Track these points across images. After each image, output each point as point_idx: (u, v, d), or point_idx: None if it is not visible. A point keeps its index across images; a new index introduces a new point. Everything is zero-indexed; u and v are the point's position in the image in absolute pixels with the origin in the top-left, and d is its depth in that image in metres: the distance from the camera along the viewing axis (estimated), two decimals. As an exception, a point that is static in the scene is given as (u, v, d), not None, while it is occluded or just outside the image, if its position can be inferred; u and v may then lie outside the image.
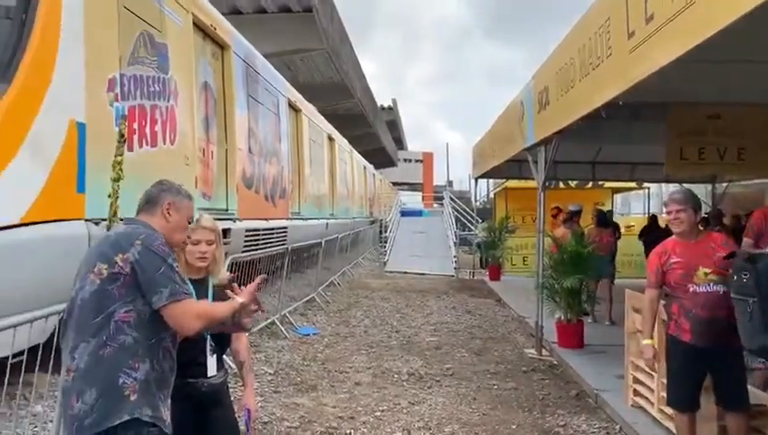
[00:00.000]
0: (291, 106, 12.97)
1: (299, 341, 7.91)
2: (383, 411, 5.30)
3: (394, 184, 44.03)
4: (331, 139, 18.31)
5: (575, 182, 16.70)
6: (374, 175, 32.10)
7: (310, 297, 10.59)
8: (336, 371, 6.56)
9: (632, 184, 17.24)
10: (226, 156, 8.60)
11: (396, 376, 6.44)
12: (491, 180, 19.08)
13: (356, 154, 24.53)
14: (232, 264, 6.68)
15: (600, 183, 16.50)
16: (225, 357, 3.03)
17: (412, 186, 51.26)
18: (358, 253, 18.76)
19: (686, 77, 5.29)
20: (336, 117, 21.72)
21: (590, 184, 16.59)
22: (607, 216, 10.11)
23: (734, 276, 3.50)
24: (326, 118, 18.24)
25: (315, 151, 15.58)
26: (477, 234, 17.33)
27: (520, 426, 5.09)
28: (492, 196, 20.98)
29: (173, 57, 6.58)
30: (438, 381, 6.32)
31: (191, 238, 2.75)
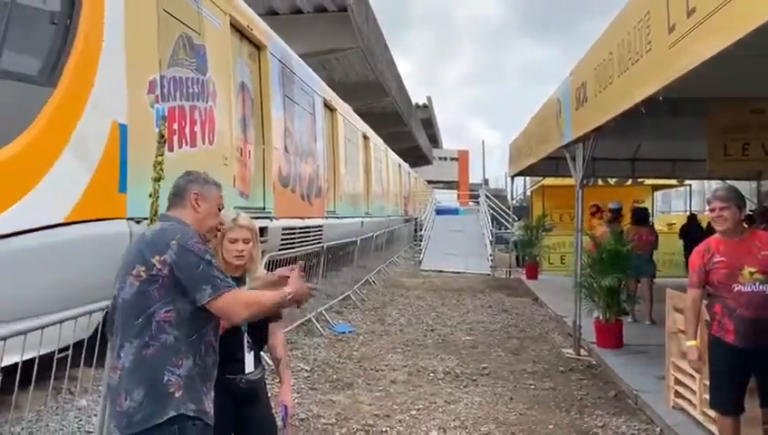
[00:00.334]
0: (326, 105, 13.05)
1: (335, 338, 7.96)
2: (419, 410, 5.30)
3: (429, 182, 43.94)
4: (366, 137, 18.36)
5: (614, 180, 16.39)
6: (409, 173, 32.10)
7: (345, 295, 10.65)
8: (372, 369, 6.58)
9: (673, 181, 16.86)
10: (263, 155, 8.71)
11: (431, 375, 6.43)
12: (527, 178, 18.86)
13: (391, 152, 24.56)
14: (269, 262, 6.76)
15: (640, 180, 16.17)
16: (262, 354, 3.07)
17: (447, 184, 51.09)
18: (393, 251, 18.77)
19: (729, 71, 5.14)
20: (371, 115, 21.78)
21: (630, 181, 16.27)
22: (645, 213, 9.89)
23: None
24: (361, 116, 18.31)
25: (350, 150, 15.65)
26: (514, 232, 17.16)
27: (557, 426, 5.03)
28: (528, 194, 20.74)
29: (211, 58, 6.69)
30: (474, 380, 6.29)
31: (229, 237, 2.80)
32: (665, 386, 5.35)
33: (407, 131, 31.82)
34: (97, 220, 4.71)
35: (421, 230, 23.16)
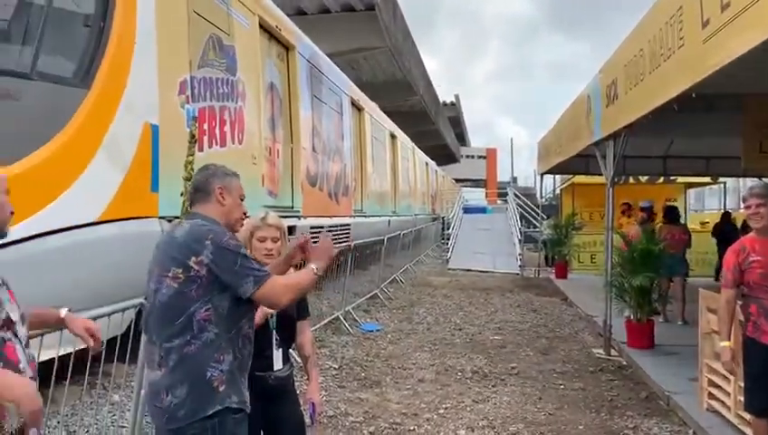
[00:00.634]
0: (353, 104, 13.09)
1: (362, 337, 7.99)
2: (447, 409, 5.29)
3: (456, 180, 43.78)
4: (394, 136, 18.37)
5: (645, 177, 16.12)
6: (436, 172, 32.03)
7: (372, 294, 10.68)
8: (399, 367, 6.59)
9: (706, 179, 16.53)
10: (291, 155, 8.78)
11: (459, 374, 6.41)
12: (557, 176, 18.66)
13: (418, 151, 24.53)
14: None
15: (673, 178, 15.89)
16: (290, 351, 3.10)
17: (475, 182, 50.83)
18: (420, 250, 18.75)
19: (765, 66, 5.03)
20: (398, 114, 21.79)
21: (662, 179, 15.98)
22: (676, 212, 9.71)
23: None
24: (388, 115, 18.32)
25: (377, 149, 15.68)
26: (543, 231, 17.00)
27: (587, 427, 4.98)
28: (558, 192, 20.53)
29: (240, 59, 6.77)
30: (503, 379, 6.25)
31: (257, 236, 2.83)
32: (698, 388, 5.25)
33: (434, 130, 31.75)
34: (130, 219, 4.80)
35: (448, 229, 23.09)
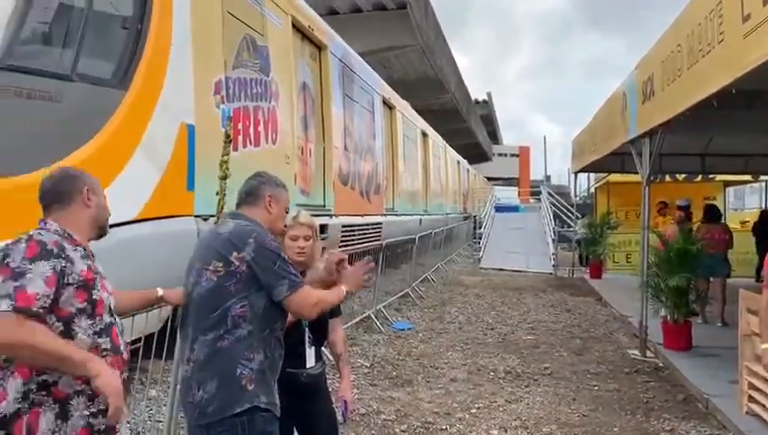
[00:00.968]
0: (385, 103, 13.11)
1: (394, 335, 8.00)
2: (479, 409, 5.27)
3: (488, 179, 43.47)
4: (425, 135, 18.33)
5: (683, 176, 15.78)
6: (468, 170, 31.85)
7: (404, 292, 10.68)
8: (431, 366, 6.58)
9: (747, 177, 16.10)
10: (324, 154, 8.83)
11: (492, 374, 6.38)
12: (591, 175, 18.39)
13: (450, 149, 24.42)
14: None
15: (711, 176, 15.52)
16: (323, 349, 3.13)
17: (507, 181, 50.41)
18: (451, 249, 18.68)
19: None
20: (430, 112, 21.73)
21: (700, 177, 15.63)
22: (717, 210, 9.48)
23: None
24: (420, 113, 18.28)
25: (409, 147, 15.66)
26: (577, 230, 16.77)
27: (622, 429, 4.90)
28: (592, 191, 20.23)
29: (274, 59, 6.83)
30: (536, 380, 6.20)
31: (290, 234, 2.87)
32: (737, 390, 5.13)
33: (466, 128, 31.57)
34: (166, 218, 4.89)
35: (480, 228, 22.96)
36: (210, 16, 5.68)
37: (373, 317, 8.38)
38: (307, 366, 2.88)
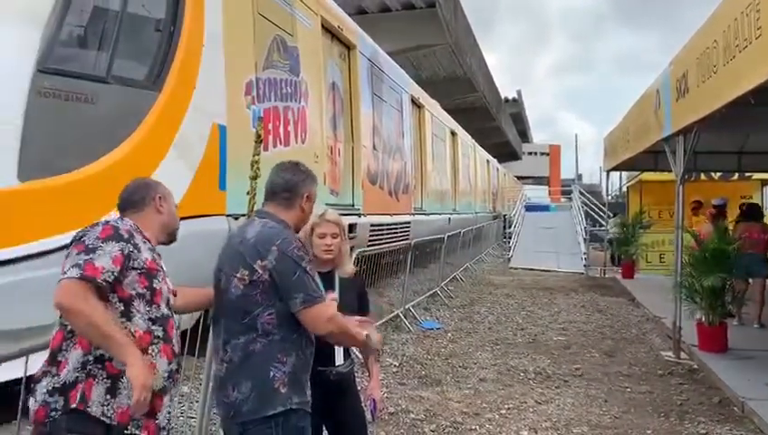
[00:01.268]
0: (413, 102, 13.10)
1: (422, 335, 7.99)
2: (509, 409, 5.23)
3: (518, 178, 43.14)
4: (454, 133, 18.26)
5: (718, 174, 15.44)
6: (497, 169, 31.65)
7: (433, 292, 10.65)
8: (460, 366, 6.56)
9: (786, 175, 15.68)
10: (352, 153, 8.86)
11: (522, 374, 6.33)
12: (624, 173, 18.10)
13: (479, 148, 24.30)
14: (358, 258, 6.88)
15: (748, 175, 15.16)
16: (351, 347, 3.14)
17: (538, 179, 49.99)
18: (481, 248, 18.57)
19: None
20: (459, 111, 21.65)
21: (736, 176, 15.28)
22: (757, 209, 9.23)
23: None
24: (449, 112, 18.23)
25: (437, 147, 15.62)
26: (609, 230, 16.54)
27: (655, 432, 4.82)
28: (625, 189, 19.91)
29: (303, 59, 6.88)
30: (567, 381, 6.14)
31: (317, 232, 2.88)
32: (776, 394, 5.02)
33: (495, 126, 31.39)
34: (199, 217, 4.96)
35: (510, 227, 22.80)
36: (241, 18, 5.75)
37: (402, 316, 8.38)
38: (336, 364, 2.89)
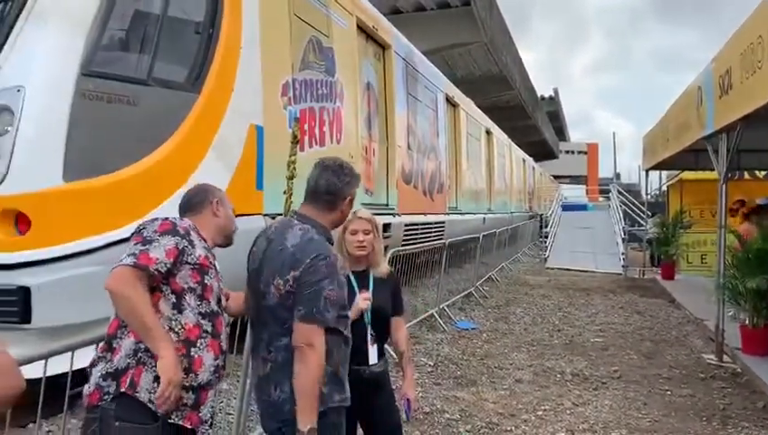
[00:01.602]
0: (448, 101, 13.05)
1: (457, 335, 7.96)
2: (545, 411, 5.18)
3: (555, 177, 42.62)
4: (489, 132, 18.14)
5: (763, 172, 15.00)
6: (534, 168, 31.32)
7: (468, 292, 10.60)
8: (496, 367, 6.52)
9: (835, 174, 15.14)
10: (387, 153, 8.88)
11: (558, 376, 6.26)
12: (663, 172, 17.73)
13: (515, 147, 24.08)
14: (392, 257, 6.90)
15: (795, 173, 14.69)
16: (386, 347, 3.15)
17: (575, 179, 49.30)
18: (516, 248, 18.41)
19: None
20: (494, 109, 21.49)
21: (782, 174, 14.83)
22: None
23: None
24: (484, 111, 18.11)
25: (472, 146, 15.54)
26: (648, 229, 16.22)
27: (696, 437, 4.73)
28: (665, 189, 19.49)
29: (339, 60, 6.93)
30: (605, 383, 6.05)
31: (349, 229, 2.91)
32: (824, 400, 4.86)
33: (532, 125, 31.08)
34: (237, 216, 5.03)
35: (546, 227, 22.55)
36: (278, 20, 5.82)
37: (437, 316, 8.37)
38: (369, 363, 2.90)
